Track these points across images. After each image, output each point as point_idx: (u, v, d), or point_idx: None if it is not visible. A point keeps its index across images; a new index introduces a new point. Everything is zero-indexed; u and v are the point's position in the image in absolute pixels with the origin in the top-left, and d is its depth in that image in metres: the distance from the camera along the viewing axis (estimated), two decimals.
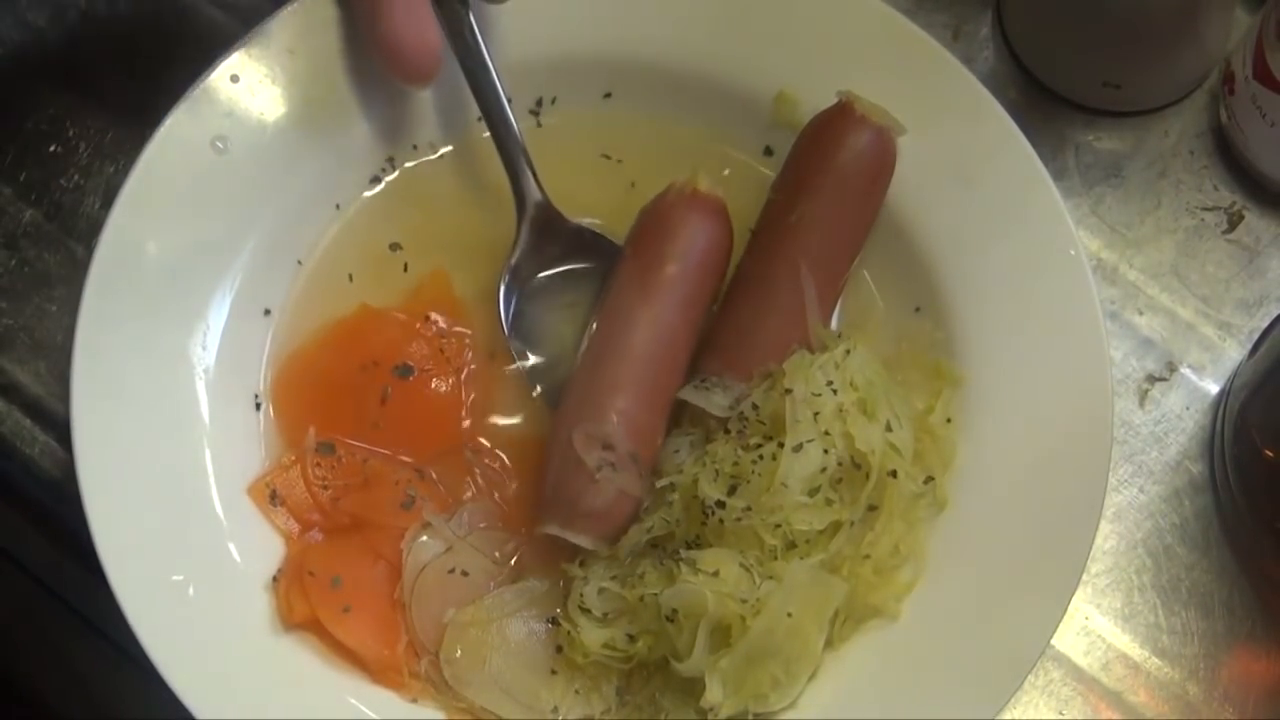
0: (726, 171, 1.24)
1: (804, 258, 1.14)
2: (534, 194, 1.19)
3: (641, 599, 1.08)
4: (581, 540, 1.10)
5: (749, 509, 1.08)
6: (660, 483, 1.12)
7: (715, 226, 1.16)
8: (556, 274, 1.21)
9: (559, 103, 1.24)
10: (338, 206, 1.23)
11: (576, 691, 1.11)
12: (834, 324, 1.20)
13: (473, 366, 1.20)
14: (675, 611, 1.06)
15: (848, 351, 1.12)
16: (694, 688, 1.07)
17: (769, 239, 1.17)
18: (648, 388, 1.13)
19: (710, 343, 1.17)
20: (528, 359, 1.19)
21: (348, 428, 1.17)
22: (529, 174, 1.19)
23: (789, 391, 1.10)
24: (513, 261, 1.19)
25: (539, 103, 1.25)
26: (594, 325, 1.17)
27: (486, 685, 1.11)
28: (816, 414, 1.09)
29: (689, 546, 1.10)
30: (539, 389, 1.19)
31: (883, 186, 1.18)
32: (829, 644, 1.11)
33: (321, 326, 1.20)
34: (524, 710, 1.11)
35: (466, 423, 1.18)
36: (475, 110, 1.22)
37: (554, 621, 1.11)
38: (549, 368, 1.19)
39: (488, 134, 1.21)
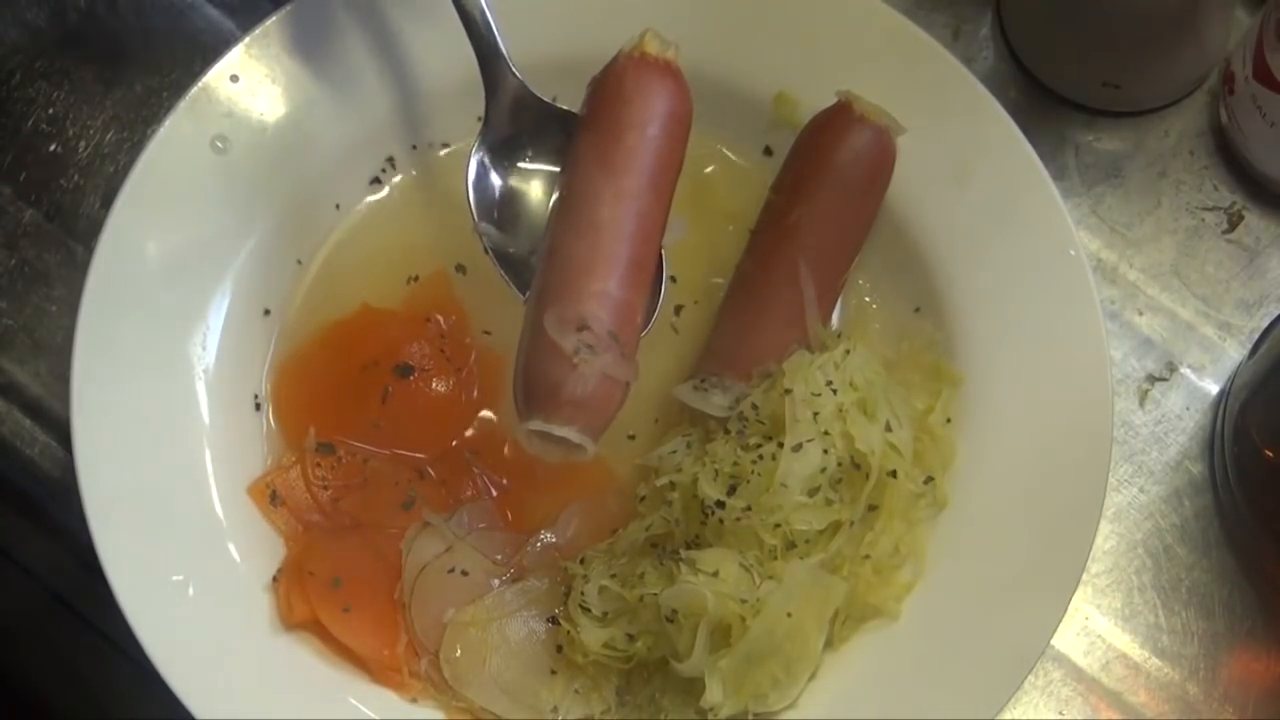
0: (712, 169, 1.24)
1: (803, 257, 1.14)
2: (507, 77, 1.13)
3: (641, 599, 1.08)
4: (568, 432, 1.02)
5: (749, 509, 1.08)
6: (659, 481, 1.12)
7: (672, 90, 1.09)
8: (545, 165, 1.15)
9: (558, 103, 1.24)
10: (338, 206, 1.23)
11: (576, 691, 1.11)
12: (834, 324, 1.20)
13: (474, 366, 1.20)
14: (675, 612, 1.06)
15: (847, 351, 1.12)
16: (694, 688, 1.07)
17: (768, 239, 1.17)
18: (622, 264, 1.06)
19: (709, 343, 1.18)
20: (507, 251, 1.13)
21: (348, 428, 1.17)
22: (501, 52, 1.13)
23: (789, 391, 1.10)
24: (482, 141, 1.14)
25: None
26: (556, 206, 1.10)
27: (486, 685, 1.11)
28: (816, 414, 1.09)
29: (689, 546, 1.10)
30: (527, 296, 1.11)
31: (882, 186, 1.17)
32: (829, 644, 1.11)
33: (322, 326, 1.20)
34: (524, 710, 1.11)
35: (467, 423, 1.19)
36: (475, 110, 1.22)
37: (554, 621, 1.12)
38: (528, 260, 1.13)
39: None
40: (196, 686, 1.06)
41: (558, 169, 1.14)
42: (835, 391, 1.10)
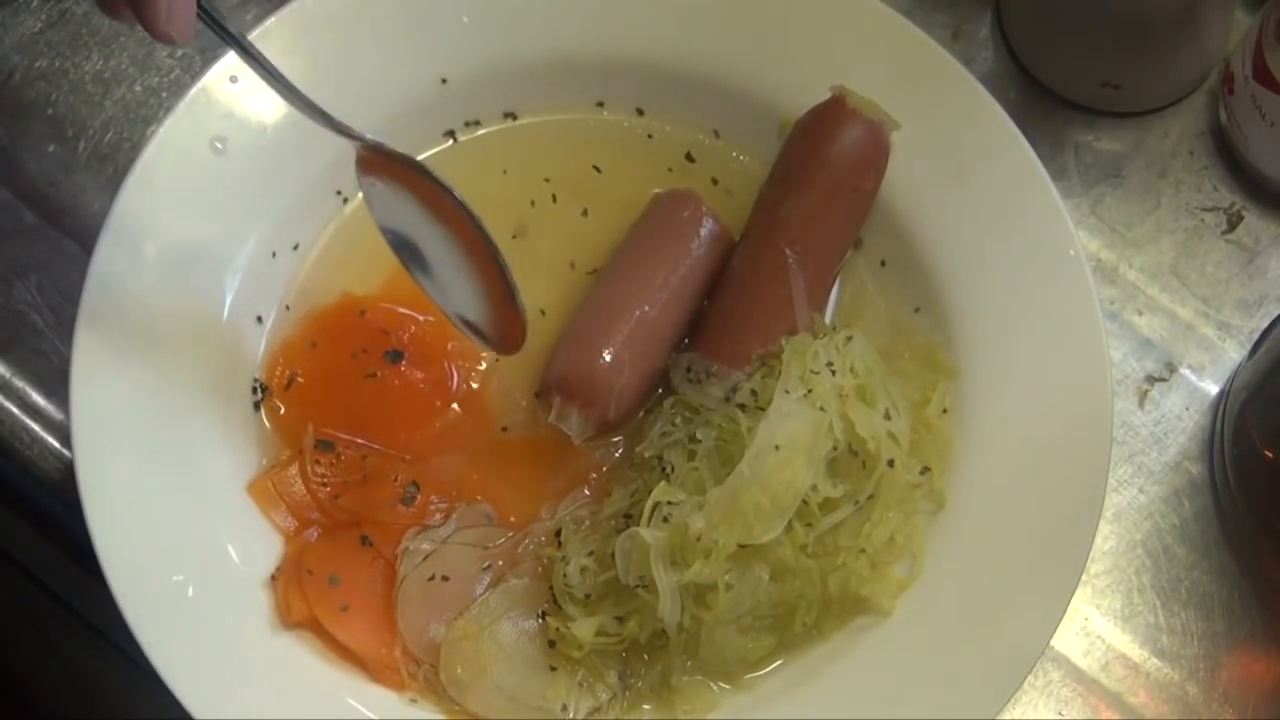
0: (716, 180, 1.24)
1: (792, 250, 1.14)
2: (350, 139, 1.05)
3: (616, 576, 1.07)
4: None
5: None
6: (647, 452, 1.13)
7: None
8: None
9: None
10: (344, 200, 1.23)
11: (580, 684, 1.10)
12: (828, 321, 1.20)
13: (459, 350, 1.19)
14: (641, 578, 1.06)
15: (849, 338, 1.12)
16: (698, 650, 1.08)
17: (759, 231, 1.17)
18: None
19: (700, 333, 1.17)
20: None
21: (343, 418, 1.16)
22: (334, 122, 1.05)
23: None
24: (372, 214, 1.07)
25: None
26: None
27: (492, 694, 1.10)
28: (810, 390, 1.09)
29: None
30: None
31: (875, 180, 1.17)
32: (820, 635, 1.11)
33: (305, 315, 1.20)
34: (535, 711, 1.10)
35: (456, 408, 1.19)
36: (472, 115, 1.22)
37: (543, 615, 1.11)
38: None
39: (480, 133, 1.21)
40: (195, 686, 1.06)
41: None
42: (834, 373, 1.10)
